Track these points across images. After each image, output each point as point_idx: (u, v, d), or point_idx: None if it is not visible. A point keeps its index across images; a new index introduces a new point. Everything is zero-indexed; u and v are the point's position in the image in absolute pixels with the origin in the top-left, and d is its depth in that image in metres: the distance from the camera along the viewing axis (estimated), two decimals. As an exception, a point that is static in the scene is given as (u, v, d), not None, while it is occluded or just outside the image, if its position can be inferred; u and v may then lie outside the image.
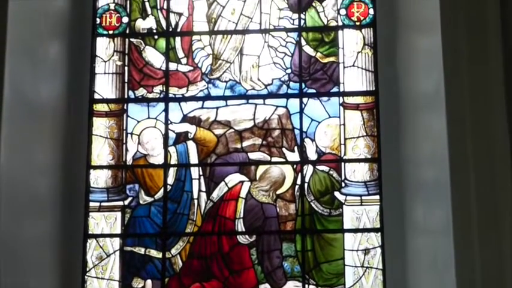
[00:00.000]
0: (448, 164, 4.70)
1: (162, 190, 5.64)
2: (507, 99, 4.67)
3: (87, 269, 5.57)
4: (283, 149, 5.65)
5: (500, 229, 4.56)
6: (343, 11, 5.76)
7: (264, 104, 5.75)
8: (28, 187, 5.26)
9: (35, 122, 5.40)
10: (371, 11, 5.73)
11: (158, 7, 5.94)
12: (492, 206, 4.59)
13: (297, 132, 5.65)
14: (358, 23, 5.74)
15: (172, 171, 5.67)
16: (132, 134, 5.76)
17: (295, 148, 5.64)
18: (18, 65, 5.17)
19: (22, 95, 5.21)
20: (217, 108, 5.76)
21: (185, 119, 5.75)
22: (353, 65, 5.70)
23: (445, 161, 4.71)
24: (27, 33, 5.27)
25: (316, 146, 5.63)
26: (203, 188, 5.64)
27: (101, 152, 5.73)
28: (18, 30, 5.13)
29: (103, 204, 5.67)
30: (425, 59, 5.17)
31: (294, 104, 5.70)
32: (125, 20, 5.91)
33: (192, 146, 5.71)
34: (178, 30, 5.90)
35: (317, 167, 5.60)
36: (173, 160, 5.69)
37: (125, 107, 5.80)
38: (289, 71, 5.77)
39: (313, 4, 5.82)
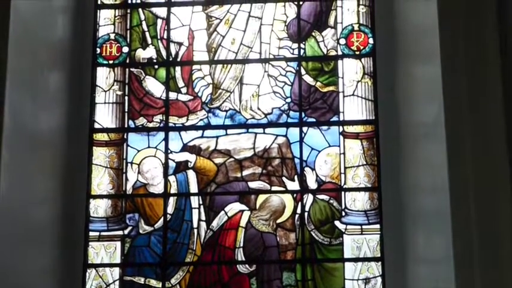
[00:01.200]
0: (448, 193, 4.69)
1: (161, 219, 5.63)
2: (507, 128, 4.68)
3: (87, 299, 5.56)
4: (283, 178, 5.65)
5: (501, 258, 4.54)
6: (342, 41, 5.78)
7: (264, 133, 5.75)
8: (28, 216, 5.24)
9: (35, 151, 5.39)
10: (370, 41, 5.75)
11: (158, 37, 5.96)
12: (493, 235, 4.57)
13: (297, 161, 5.65)
14: (357, 53, 5.76)
15: (172, 201, 5.67)
16: (132, 163, 5.76)
17: (295, 177, 5.63)
18: (18, 94, 5.17)
19: (22, 125, 5.21)
20: (217, 137, 5.77)
21: (185, 148, 5.76)
22: (353, 94, 5.71)
23: (445, 190, 4.70)
24: (27, 63, 5.27)
25: (316, 175, 5.63)
26: (203, 217, 5.63)
27: (101, 181, 5.73)
28: (19, 60, 5.13)
29: (103, 233, 5.65)
30: (425, 88, 5.18)
31: (294, 133, 5.70)
32: (125, 49, 5.92)
33: (192, 175, 5.70)
34: (179, 59, 5.92)
35: (317, 196, 5.60)
36: (173, 189, 5.68)
37: (125, 137, 5.81)
38: (289, 100, 5.78)
39: (313, 34, 5.85)
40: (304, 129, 5.68)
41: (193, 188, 5.67)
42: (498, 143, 4.66)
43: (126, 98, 5.86)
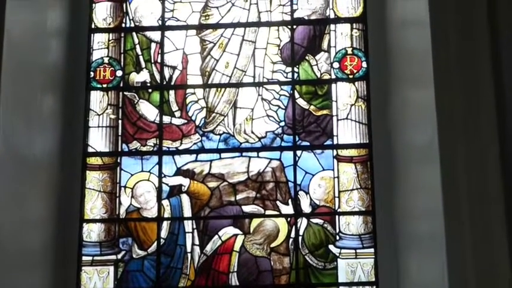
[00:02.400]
0: (442, 217, 4.67)
1: (155, 244, 5.61)
2: (501, 151, 4.67)
3: (80, 324, 5.53)
4: (277, 202, 5.64)
5: (497, 282, 4.53)
6: (336, 64, 5.79)
7: (258, 156, 5.75)
8: (20, 241, 5.21)
9: (28, 175, 5.37)
10: (364, 64, 5.76)
11: (152, 61, 5.96)
12: (488, 259, 4.56)
13: (291, 185, 5.64)
14: (351, 76, 5.77)
15: (165, 225, 5.64)
16: (125, 187, 5.74)
17: (289, 201, 5.62)
18: (12, 118, 5.16)
19: (15, 148, 5.20)
20: (211, 161, 5.76)
21: (179, 172, 5.74)
22: (346, 118, 5.71)
23: (440, 214, 4.69)
24: (20, 86, 5.27)
25: (310, 199, 5.61)
26: (197, 241, 5.60)
27: (94, 205, 5.71)
28: (12, 84, 5.13)
29: (96, 258, 5.62)
30: (419, 112, 5.18)
31: (287, 156, 5.69)
32: (119, 73, 5.93)
33: (185, 199, 5.69)
34: (172, 83, 5.92)
35: (311, 220, 5.58)
36: (166, 213, 5.66)
37: (119, 160, 5.79)
38: (282, 123, 5.78)
39: (307, 57, 5.86)
40: (298, 152, 5.68)
41: (187, 212, 5.65)
42: (492, 166, 4.65)
43: (120, 121, 5.86)
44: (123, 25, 6.03)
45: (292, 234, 5.55)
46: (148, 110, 5.87)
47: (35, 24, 5.51)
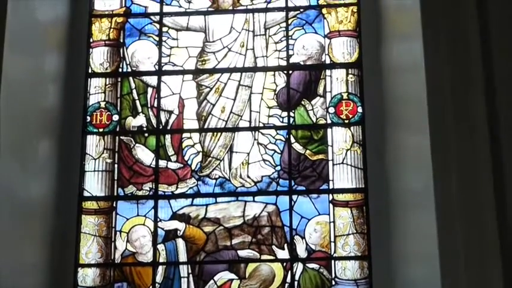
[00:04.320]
0: (438, 262, 4.66)
1: (150, 289, 5.60)
2: (496, 198, 4.68)
3: None
4: (273, 247, 5.62)
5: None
6: (332, 109, 5.82)
7: (254, 201, 5.74)
8: (15, 285, 5.18)
9: (23, 219, 5.36)
10: (359, 109, 5.79)
11: (149, 105, 5.98)
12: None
13: (286, 229, 5.63)
14: (347, 121, 5.79)
15: (161, 269, 5.62)
16: (121, 231, 5.73)
17: (285, 246, 5.61)
18: (7, 162, 5.16)
19: (10, 192, 5.19)
20: (206, 205, 5.75)
21: (174, 216, 5.74)
22: (342, 163, 5.72)
23: (436, 258, 4.68)
24: (17, 130, 5.28)
25: (306, 244, 5.60)
26: (192, 286, 5.57)
27: (89, 249, 5.69)
28: (8, 128, 5.13)
29: (91, 302, 5.61)
30: (414, 156, 5.19)
31: (283, 201, 5.69)
32: (116, 118, 5.94)
33: (181, 244, 5.67)
34: (169, 127, 5.94)
35: (307, 264, 5.56)
36: (162, 258, 5.64)
37: (114, 205, 5.79)
38: (278, 168, 5.78)
39: (303, 102, 5.88)
40: (294, 197, 5.68)
41: (183, 256, 5.63)
42: (487, 213, 4.65)
43: (116, 166, 5.86)
44: (120, 70, 6.06)
45: (288, 279, 5.53)
46: (144, 155, 5.88)
47: (32, 68, 5.53)
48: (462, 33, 4.95)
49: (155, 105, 5.96)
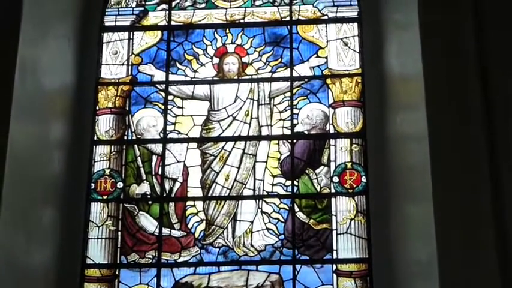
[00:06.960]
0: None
1: None
2: (499, 264, 4.66)
3: None
4: (276, 316, 5.59)
5: None
6: (336, 179, 5.82)
7: (257, 270, 5.71)
8: None
9: (26, 286, 5.32)
10: (363, 179, 5.79)
11: (153, 173, 6.00)
12: None
13: (290, 299, 5.60)
14: (350, 191, 5.79)
15: (163, 339, 5.59)
16: (123, 300, 5.71)
17: (289, 315, 5.57)
18: (11, 229, 5.15)
19: (14, 259, 5.17)
20: (209, 274, 5.73)
21: (177, 285, 5.70)
22: (346, 232, 5.70)
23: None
24: (21, 197, 5.27)
25: (310, 314, 5.57)
26: None
27: (91, 319, 5.66)
28: (13, 195, 5.13)
29: None
30: (418, 226, 5.17)
31: (287, 270, 5.66)
32: (120, 185, 5.95)
33: (183, 313, 5.64)
34: (173, 195, 5.94)
35: (311, 335, 5.52)
36: (164, 327, 5.61)
37: (117, 273, 5.76)
38: (282, 237, 5.77)
39: (307, 171, 5.89)
40: (298, 267, 5.65)
41: (185, 326, 5.60)
42: (492, 280, 4.63)
43: (119, 233, 5.85)
44: (125, 137, 6.09)
45: None
46: (147, 222, 5.87)
47: (37, 136, 5.55)
48: (465, 105, 4.99)
49: (159, 172, 5.97)
